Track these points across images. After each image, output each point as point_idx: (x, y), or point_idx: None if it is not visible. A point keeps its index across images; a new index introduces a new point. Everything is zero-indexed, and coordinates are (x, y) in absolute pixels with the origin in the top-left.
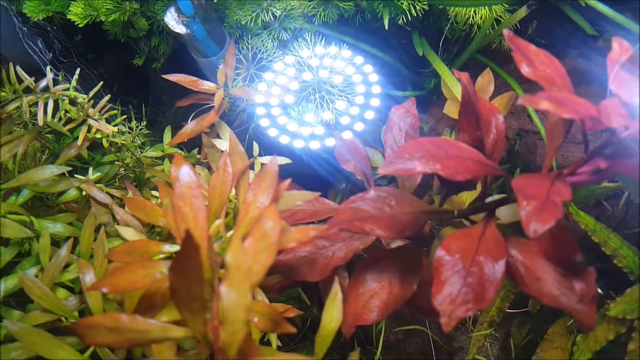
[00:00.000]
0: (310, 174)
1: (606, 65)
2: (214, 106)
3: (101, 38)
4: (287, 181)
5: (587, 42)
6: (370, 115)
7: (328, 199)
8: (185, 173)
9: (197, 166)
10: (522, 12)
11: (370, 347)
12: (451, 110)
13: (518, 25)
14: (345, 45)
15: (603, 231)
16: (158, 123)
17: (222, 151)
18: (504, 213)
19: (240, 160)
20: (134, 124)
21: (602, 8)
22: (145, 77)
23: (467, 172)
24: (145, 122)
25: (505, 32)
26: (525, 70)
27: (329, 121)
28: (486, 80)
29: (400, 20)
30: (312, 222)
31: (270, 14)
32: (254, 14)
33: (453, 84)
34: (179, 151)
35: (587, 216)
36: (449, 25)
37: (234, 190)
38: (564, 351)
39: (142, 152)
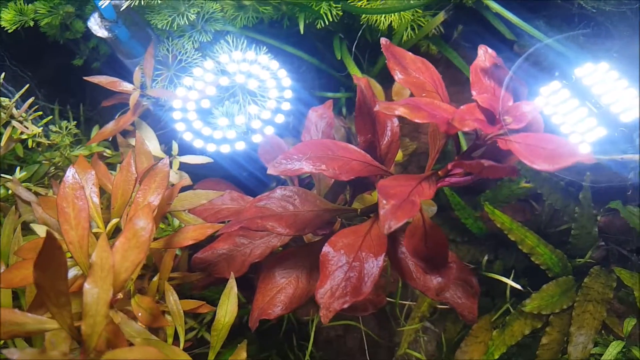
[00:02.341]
0: (248, 175)
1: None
2: (144, 104)
3: (41, 40)
4: (182, 181)
5: (511, 46)
6: (280, 118)
7: None
8: (70, 175)
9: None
10: (440, 17)
11: (306, 342)
12: None
13: (442, 29)
14: (265, 48)
15: (519, 229)
16: (94, 122)
17: (149, 151)
18: None
19: (145, 159)
20: (64, 123)
21: (508, 15)
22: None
23: (352, 172)
24: (75, 122)
25: (383, 40)
26: (397, 77)
27: (246, 125)
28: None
29: (322, 24)
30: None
31: (185, 18)
32: (170, 19)
33: (376, 89)
34: (107, 150)
35: (503, 215)
36: (361, 30)
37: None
38: (487, 346)
39: (71, 152)
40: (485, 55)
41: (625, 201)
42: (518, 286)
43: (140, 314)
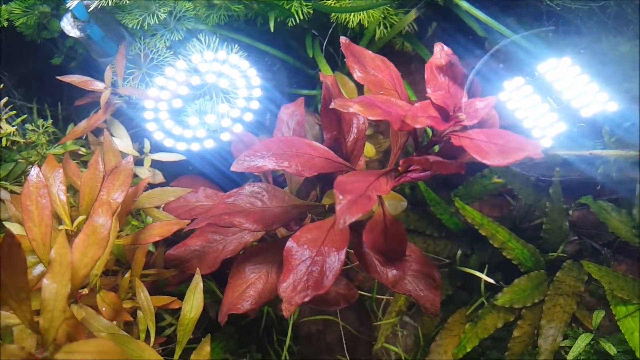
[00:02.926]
0: (224, 173)
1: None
2: (116, 103)
3: (18, 40)
4: (147, 179)
5: (483, 43)
6: (249, 117)
7: None
8: (34, 174)
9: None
10: (412, 15)
11: (285, 337)
12: None
13: (415, 27)
14: (237, 46)
15: (490, 225)
16: (72, 121)
17: (118, 150)
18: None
19: (114, 157)
20: (40, 122)
21: (476, 13)
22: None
23: (315, 169)
24: (51, 121)
25: (342, 39)
26: (356, 75)
27: (217, 123)
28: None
29: (293, 22)
30: None
31: (156, 17)
32: (141, 18)
33: (342, 86)
34: (82, 148)
35: (473, 211)
36: (332, 28)
37: None
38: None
39: (48, 150)
40: (440, 53)
41: (596, 195)
42: (491, 280)
43: (104, 309)
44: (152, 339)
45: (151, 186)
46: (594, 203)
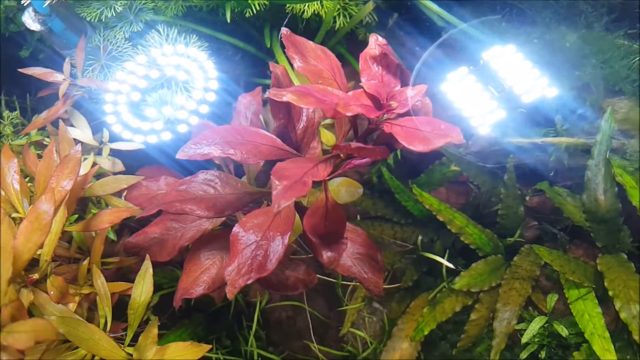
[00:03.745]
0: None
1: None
2: (76, 94)
3: None
4: (95, 167)
5: (440, 33)
6: (205, 109)
7: None
8: None
9: None
10: (370, 6)
11: (254, 324)
12: None
13: (375, 17)
14: (195, 37)
15: (447, 210)
16: (39, 112)
17: (73, 139)
18: (342, 194)
19: (68, 147)
20: (6, 113)
21: (428, 3)
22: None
23: (260, 156)
24: (16, 112)
25: (284, 30)
26: (296, 64)
27: (173, 115)
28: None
29: (251, 13)
30: None
31: (113, 10)
32: (99, 11)
33: (294, 77)
34: (47, 139)
35: (431, 197)
36: (287, 19)
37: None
38: None
39: (14, 140)
40: (375, 43)
41: (552, 182)
42: (451, 265)
43: (52, 293)
44: (109, 324)
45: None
46: (549, 189)
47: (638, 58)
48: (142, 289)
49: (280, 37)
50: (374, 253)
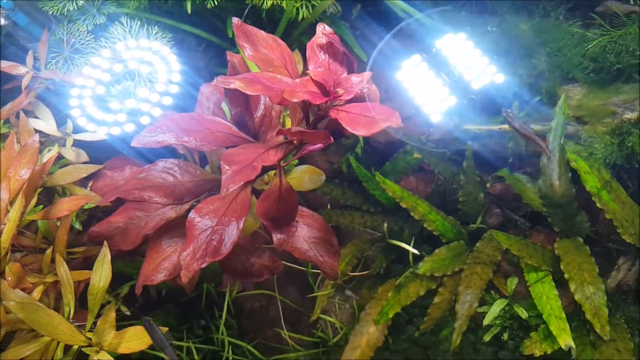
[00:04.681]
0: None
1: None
2: (39, 87)
3: None
4: (53, 156)
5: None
6: (168, 100)
7: None
8: None
9: None
10: None
11: (227, 314)
12: None
13: (339, 8)
14: (156, 28)
15: (410, 198)
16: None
17: (33, 129)
18: (305, 181)
19: (29, 138)
20: None
21: None
22: None
23: (214, 143)
24: None
25: (234, 20)
26: (247, 53)
27: (136, 107)
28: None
29: (212, 4)
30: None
31: (75, 4)
32: (61, 5)
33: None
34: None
35: (394, 184)
36: (248, 10)
37: None
38: None
39: None
40: (321, 32)
41: (513, 169)
42: (416, 251)
43: (9, 278)
44: (72, 310)
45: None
46: (509, 176)
47: (590, 46)
48: (101, 274)
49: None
50: (330, 237)
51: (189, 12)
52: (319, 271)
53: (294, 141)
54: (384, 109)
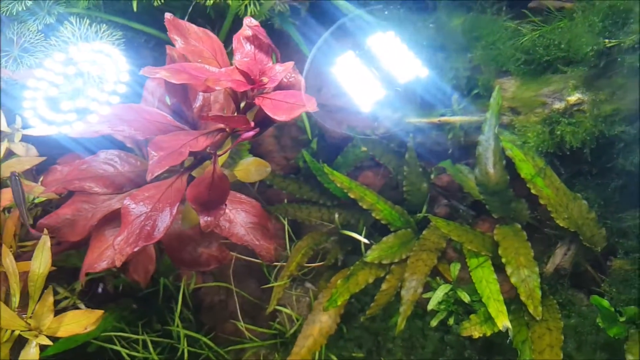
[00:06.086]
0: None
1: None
2: None
3: None
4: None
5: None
6: (116, 99)
7: None
8: None
9: None
10: None
11: (185, 308)
12: None
13: (286, 6)
14: (104, 26)
15: (358, 188)
16: None
17: None
18: (252, 172)
19: None
20: None
21: None
22: None
23: (149, 132)
24: None
25: (167, 15)
26: (178, 45)
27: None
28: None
29: (159, 2)
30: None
31: (23, 5)
32: (10, 6)
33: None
34: None
35: (341, 175)
36: (192, 6)
37: None
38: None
39: None
40: (247, 25)
41: (455, 160)
42: (366, 241)
43: None
44: (17, 299)
45: None
46: (451, 167)
47: (525, 39)
48: (41, 261)
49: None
50: (265, 222)
51: (135, 9)
52: (276, 263)
53: (227, 129)
54: (302, 95)
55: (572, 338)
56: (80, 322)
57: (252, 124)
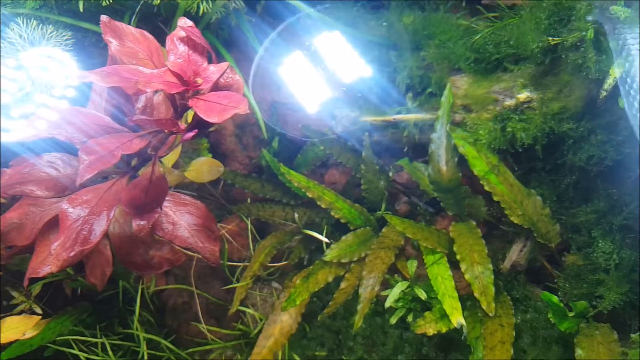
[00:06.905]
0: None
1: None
2: None
3: None
4: None
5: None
6: (64, 104)
7: None
8: None
9: None
10: None
11: (145, 310)
12: None
13: (242, 4)
14: (51, 27)
15: (316, 187)
16: None
17: None
18: (204, 172)
19: None
20: None
21: None
22: None
23: (86, 135)
24: None
25: (102, 17)
26: (114, 47)
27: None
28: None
29: (107, 2)
30: None
31: None
32: None
33: None
34: None
35: (298, 175)
36: (140, 6)
37: None
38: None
39: None
40: (181, 26)
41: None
42: (327, 240)
43: None
44: None
45: None
46: (408, 164)
47: (478, 37)
48: None
49: (132, 21)
50: (210, 224)
51: (81, 9)
52: (239, 264)
53: (165, 130)
54: (236, 96)
55: (527, 333)
56: (18, 327)
57: (184, 126)
